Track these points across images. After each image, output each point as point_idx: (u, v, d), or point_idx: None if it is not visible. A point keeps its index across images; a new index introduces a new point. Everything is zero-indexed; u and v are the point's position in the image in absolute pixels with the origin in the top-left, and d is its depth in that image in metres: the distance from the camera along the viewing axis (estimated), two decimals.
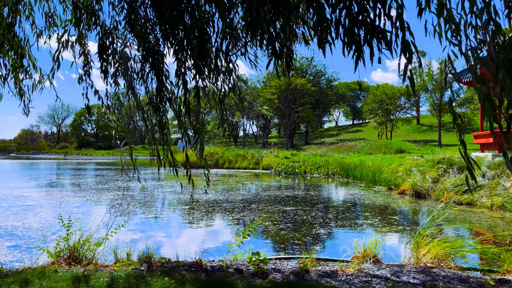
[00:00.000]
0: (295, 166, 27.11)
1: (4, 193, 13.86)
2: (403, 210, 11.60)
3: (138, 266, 4.89)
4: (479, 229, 8.78)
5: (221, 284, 4.14)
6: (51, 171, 29.43)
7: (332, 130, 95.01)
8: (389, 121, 65.04)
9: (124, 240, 6.86)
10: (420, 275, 4.77)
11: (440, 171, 14.83)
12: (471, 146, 47.34)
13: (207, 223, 9.24)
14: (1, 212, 9.88)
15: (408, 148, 38.62)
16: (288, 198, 13.37)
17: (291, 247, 7.04)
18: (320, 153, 38.57)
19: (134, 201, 12.37)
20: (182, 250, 6.57)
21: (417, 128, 76.89)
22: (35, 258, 5.27)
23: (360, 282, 4.48)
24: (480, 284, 4.45)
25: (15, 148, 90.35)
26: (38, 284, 3.99)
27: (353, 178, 21.93)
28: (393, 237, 7.93)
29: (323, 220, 9.55)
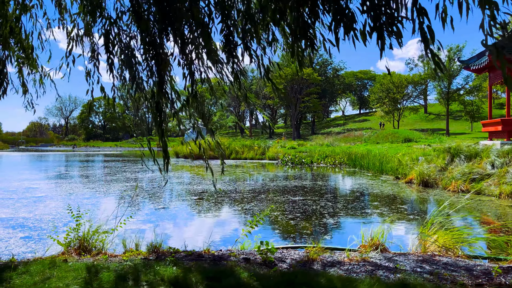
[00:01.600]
0: (301, 156, 27.09)
1: (14, 185, 14.04)
2: (410, 199, 11.57)
3: (147, 256, 4.95)
4: (487, 217, 8.75)
5: (228, 273, 4.18)
6: (60, 163, 29.72)
7: (338, 120, 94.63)
8: (396, 110, 64.61)
9: (132, 230, 6.94)
10: (427, 263, 4.78)
11: (447, 159, 14.75)
12: (479, 134, 46.94)
13: (215, 213, 9.30)
14: (12, 204, 10.02)
15: (415, 137, 38.40)
16: (296, 188, 13.40)
17: (299, 236, 7.08)
18: (327, 143, 38.50)
19: (142, 192, 12.47)
20: (190, 240, 6.63)
21: (425, 117, 76.33)
22: (46, 248, 5.35)
23: (367, 270, 4.50)
24: (488, 272, 4.45)
25: (24, 140, 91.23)
26: (49, 274, 4.06)
27: (360, 168, 21.88)
28: (400, 226, 7.93)
29: (332, 209, 9.57)
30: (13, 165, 26.96)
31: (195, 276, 4.06)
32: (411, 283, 3.91)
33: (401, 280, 4.04)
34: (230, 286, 3.83)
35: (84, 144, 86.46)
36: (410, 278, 4.12)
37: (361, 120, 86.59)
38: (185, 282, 3.90)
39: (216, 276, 4.10)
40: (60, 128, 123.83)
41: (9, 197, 11.25)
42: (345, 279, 4.08)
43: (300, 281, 3.94)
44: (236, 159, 31.26)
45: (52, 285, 3.74)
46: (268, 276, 4.14)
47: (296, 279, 4.01)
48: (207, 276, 4.07)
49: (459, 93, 57.40)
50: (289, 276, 4.11)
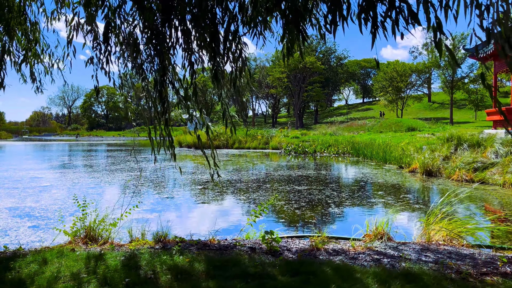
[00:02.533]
0: (305, 145, 27.08)
1: (19, 175, 14.12)
2: (414, 188, 11.58)
3: (153, 245, 4.99)
4: (491, 206, 8.75)
5: (234, 262, 4.22)
6: (64, 152, 29.83)
7: (342, 109, 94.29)
8: (400, 99, 64.28)
9: (138, 220, 6.99)
10: (432, 253, 4.80)
11: (451, 148, 14.71)
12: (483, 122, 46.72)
13: (220, 202, 9.34)
14: (18, 193, 10.09)
15: (419, 126, 38.27)
16: (300, 177, 13.42)
17: (304, 226, 7.11)
18: (330, 132, 38.44)
19: (147, 181, 12.53)
20: (195, 229, 6.67)
21: (428, 106, 75.97)
22: (54, 237, 5.40)
23: (372, 259, 4.52)
24: (493, 261, 4.46)
25: (28, 129, 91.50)
26: (57, 263, 4.10)
27: (364, 157, 21.87)
28: (405, 215, 7.95)
29: (336, 199, 9.59)
30: (17, 155, 27.09)
31: (202, 265, 4.10)
32: (416, 272, 3.93)
33: (406, 269, 4.06)
34: (236, 275, 3.86)
35: (87, 133, 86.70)
36: (415, 267, 4.14)
37: (364, 109, 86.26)
38: (192, 271, 3.93)
39: (222, 265, 4.13)
40: (63, 118, 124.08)
41: (15, 186, 11.32)
42: (350, 268, 4.11)
43: (305, 270, 3.97)
44: (239, 148, 31.28)
45: (60, 274, 3.78)
46: (273, 265, 4.17)
47: (302, 267, 4.04)
48: (214, 265, 4.10)
49: (463, 82, 57.03)
50: (294, 265, 4.14)
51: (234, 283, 3.58)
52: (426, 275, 3.86)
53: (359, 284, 3.64)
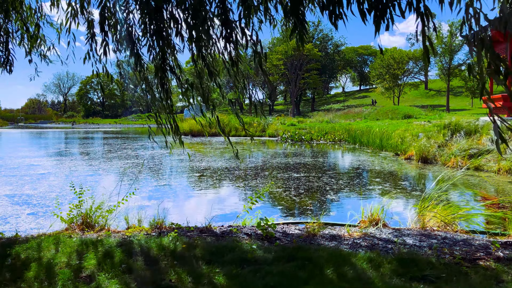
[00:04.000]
0: (301, 133, 27.09)
1: (15, 162, 14.08)
2: (409, 175, 11.65)
3: (150, 232, 5.01)
4: (485, 193, 8.83)
5: (230, 247, 4.25)
6: (60, 140, 29.73)
7: (338, 97, 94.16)
8: (397, 87, 64.21)
9: (135, 207, 7.01)
10: (426, 238, 4.85)
11: (447, 135, 14.77)
12: (480, 110, 46.81)
13: (218, 190, 9.37)
14: (16, 181, 10.08)
15: (415, 113, 38.33)
16: (298, 165, 13.45)
17: (301, 212, 7.16)
18: (327, 119, 38.44)
19: (144, 169, 12.53)
20: (192, 216, 6.70)
21: (425, 93, 75.99)
22: (50, 224, 5.42)
23: (367, 245, 4.57)
24: (486, 246, 4.52)
25: (23, 117, 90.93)
26: (54, 249, 4.12)
27: (360, 144, 21.92)
28: (400, 202, 8.01)
29: (333, 186, 9.64)
30: (13, 142, 26.98)
31: (198, 251, 4.13)
32: (410, 258, 3.98)
33: (400, 254, 4.11)
34: (233, 260, 3.89)
35: (83, 121, 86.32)
36: (409, 252, 4.19)
37: (361, 96, 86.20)
38: (188, 257, 3.96)
39: (218, 251, 4.16)
40: (58, 105, 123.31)
41: (12, 174, 11.30)
42: (345, 253, 4.15)
43: (301, 256, 4.01)
44: (236, 135, 31.26)
45: (57, 260, 3.80)
46: (269, 250, 4.21)
47: (297, 253, 4.08)
48: (210, 251, 4.13)
49: (460, 69, 56.96)
50: (290, 250, 4.18)
51: (230, 269, 3.62)
52: (421, 260, 3.91)
53: (354, 269, 3.69)
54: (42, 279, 3.39)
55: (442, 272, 3.65)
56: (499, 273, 3.66)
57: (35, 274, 3.49)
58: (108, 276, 3.44)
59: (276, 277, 3.46)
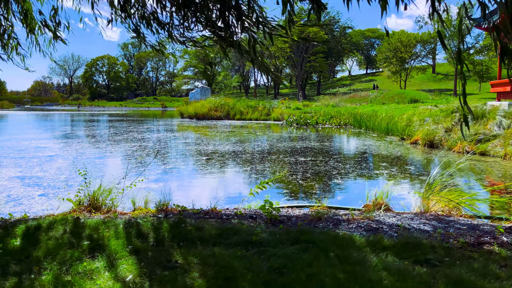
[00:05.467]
0: (306, 117, 27.00)
1: (23, 144, 14.20)
2: (415, 160, 11.62)
3: (156, 214, 5.07)
4: (491, 178, 8.81)
5: (235, 230, 4.29)
6: (66, 122, 29.88)
7: (345, 80, 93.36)
8: (404, 70, 63.45)
9: (141, 189, 7.07)
10: (430, 222, 4.87)
11: (454, 120, 14.66)
12: (488, 94, 46.35)
13: (225, 173, 9.42)
14: (25, 163, 10.18)
15: (422, 97, 37.97)
16: (304, 149, 13.46)
17: (307, 196, 7.20)
18: (332, 103, 38.21)
19: (151, 152, 12.59)
20: (198, 199, 6.76)
21: (432, 77, 75.11)
22: (62, 206, 5.48)
23: (370, 229, 4.60)
24: (490, 231, 4.53)
25: (29, 99, 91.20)
26: (61, 230, 4.19)
27: (366, 128, 21.84)
28: (405, 186, 8.02)
29: (339, 170, 9.66)
30: (20, 124, 27.16)
31: (203, 233, 4.18)
32: (413, 241, 4.01)
33: (403, 238, 4.14)
34: (237, 243, 3.94)
35: (89, 104, 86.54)
36: (413, 236, 4.21)
37: (367, 80, 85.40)
38: (193, 239, 4.02)
39: (223, 233, 4.21)
40: (64, 88, 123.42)
41: (20, 156, 11.41)
42: (349, 236, 4.18)
43: (305, 239, 4.05)
44: (240, 119, 31.24)
45: (64, 241, 3.86)
46: (274, 233, 4.25)
47: (301, 236, 4.12)
48: (215, 234, 4.18)
49: (468, 53, 56.11)
50: (294, 233, 4.22)
51: (235, 251, 3.67)
52: (424, 244, 3.93)
53: (357, 253, 3.72)
54: (50, 259, 3.46)
55: (445, 256, 3.68)
56: (503, 258, 3.68)
57: (43, 254, 3.55)
58: (115, 257, 3.50)
59: (281, 259, 3.50)
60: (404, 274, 3.24)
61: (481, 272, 3.32)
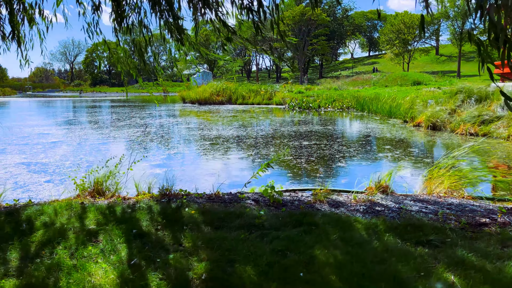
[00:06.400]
0: (309, 101, 26.87)
1: (26, 131, 14.25)
2: (418, 143, 11.60)
3: (159, 198, 5.11)
4: (494, 159, 8.80)
5: (238, 214, 4.33)
6: (68, 108, 29.89)
7: (347, 63, 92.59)
8: (407, 52, 62.82)
9: (145, 174, 7.11)
10: (433, 204, 4.89)
11: (458, 102, 14.57)
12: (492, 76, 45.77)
13: (228, 158, 9.44)
14: (29, 149, 10.22)
15: (425, 80, 37.70)
16: (308, 133, 13.44)
17: (311, 180, 7.22)
18: (335, 87, 38.00)
19: (154, 137, 12.62)
20: (202, 183, 6.79)
21: (436, 59, 74.40)
22: (66, 192, 5.52)
23: (373, 211, 4.62)
24: (492, 212, 4.55)
25: (31, 86, 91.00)
26: (66, 215, 4.24)
27: (368, 111, 21.76)
28: (408, 169, 8.03)
29: (343, 153, 9.66)
30: (22, 111, 27.19)
31: (206, 217, 4.21)
32: (415, 223, 4.03)
33: (406, 220, 4.16)
34: (240, 226, 3.97)
35: (90, 89, 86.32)
36: (415, 218, 4.24)
37: (370, 63, 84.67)
38: (197, 223, 4.05)
39: (227, 216, 4.24)
40: (65, 74, 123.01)
41: (24, 142, 11.46)
42: (351, 219, 4.21)
43: (307, 221, 4.08)
44: (242, 104, 31.13)
45: (69, 225, 3.91)
46: (276, 216, 4.28)
47: (304, 219, 4.15)
48: (218, 217, 4.22)
49: (472, 34, 55.38)
50: (297, 216, 4.25)
51: (238, 234, 3.70)
52: (426, 226, 3.96)
53: (360, 235, 3.75)
54: (56, 243, 3.51)
55: (447, 237, 3.70)
56: (504, 238, 3.70)
57: (48, 238, 3.60)
58: (120, 241, 3.54)
59: (283, 241, 3.54)
60: (406, 255, 3.27)
61: (483, 252, 3.35)
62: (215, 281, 2.85)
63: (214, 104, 30.36)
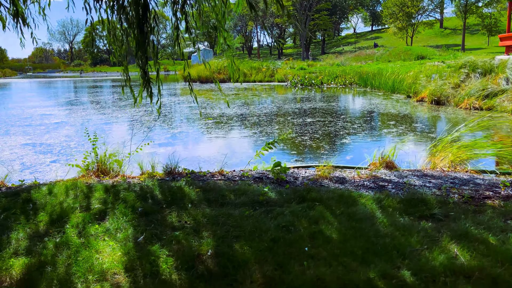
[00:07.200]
0: (311, 77, 26.64)
1: (28, 112, 14.24)
2: (421, 117, 11.54)
3: (163, 177, 5.14)
4: (498, 133, 8.76)
5: (242, 191, 4.35)
6: (69, 89, 29.78)
7: (350, 38, 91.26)
8: (410, 26, 61.73)
9: (148, 154, 7.13)
10: (436, 179, 4.90)
11: (462, 76, 14.42)
12: (496, 48, 45.30)
13: (232, 136, 9.44)
14: (32, 131, 10.24)
15: (429, 54, 37.18)
16: (311, 110, 13.38)
17: (315, 157, 7.23)
18: (338, 62, 37.59)
19: (156, 116, 12.60)
20: (205, 162, 6.82)
21: (440, 32, 73.18)
22: (71, 172, 5.55)
23: (376, 186, 4.64)
24: (496, 185, 4.56)
25: (31, 66, 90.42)
26: (72, 195, 4.27)
27: (371, 87, 21.59)
28: (411, 144, 8.02)
29: (348, 130, 9.64)
30: (23, 92, 27.11)
31: (211, 195, 4.24)
32: (419, 197, 4.05)
33: (409, 195, 4.18)
34: (245, 203, 4.00)
35: (91, 69, 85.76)
36: (419, 193, 4.25)
37: (373, 37, 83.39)
38: (201, 200, 4.08)
39: (231, 194, 4.27)
40: (65, 54, 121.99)
41: (27, 123, 11.47)
42: (355, 194, 4.23)
43: (311, 197, 4.10)
44: (244, 81, 30.90)
45: (76, 205, 3.95)
46: (280, 193, 4.30)
47: (308, 195, 4.17)
48: (222, 195, 4.24)
49: (477, 6, 54.29)
50: (300, 192, 4.27)
51: (243, 210, 3.73)
52: (429, 200, 3.98)
53: (363, 210, 3.77)
54: (62, 222, 3.55)
55: (450, 211, 3.72)
56: (508, 211, 3.72)
57: (55, 218, 3.64)
58: (126, 219, 3.58)
59: (287, 217, 3.57)
60: (410, 229, 3.29)
61: (486, 225, 3.37)
62: (221, 257, 2.90)
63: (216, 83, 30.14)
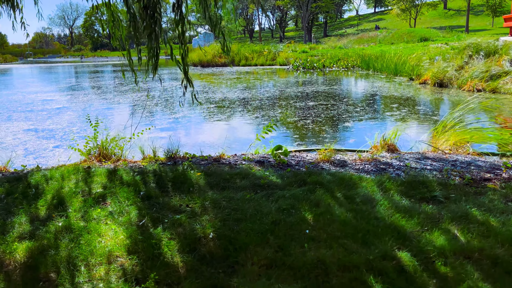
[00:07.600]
0: (313, 60, 26.42)
1: (30, 98, 14.22)
2: (423, 100, 11.48)
3: (165, 161, 5.15)
4: (501, 115, 8.71)
5: (244, 174, 4.36)
6: (70, 74, 29.68)
7: (352, 20, 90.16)
8: (414, 7, 60.84)
9: (150, 138, 7.13)
10: (438, 161, 4.89)
11: (465, 58, 14.27)
12: (500, 30, 44.72)
13: (234, 120, 9.42)
14: (34, 116, 10.24)
15: (432, 36, 36.78)
16: (314, 93, 13.31)
17: (317, 141, 7.22)
18: (340, 45, 37.23)
19: (158, 101, 12.57)
20: (207, 147, 6.82)
21: (444, 14, 72.18)
22: (73, 156, 5.56)
23: (377, 169, 4.64)
24: (497, 167, 4.55)
25: (32, 52, 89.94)
26: (74, 179, 4.29)
27: (374, 70, 21.41)
28: (413, 127, 7.99)
29: (350, 113, 9.61)
30: (24, 78, 27.04)
31: (212, 179, 4.25)
32: (420, 180, 4.05)
33: (411, 177, 4.18)
34: (246, 186, 4.02)
35: (91, 54, 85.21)
36: (420, 175, 4.25)
37: (376, 19, 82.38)
38: (203, 184, 4.10)
39: (232, 178, 4.28)
40: (65, 39, 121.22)
41: (28, 109, 11.47)
42: (356, 177, 4.23)
43: (312, 181, 4.11)
44: (246, 65, 30.70)
45: (78, 189, 3.97)
46: (282, 176, 4.31)
47: (309, 178, 4.18)
48: (224, 178, 4.26)
49: None
50: (301, 176, 4.28)
51: (244, 194, 3.75)
52: (431, 182, 3.98)
53: (364, 192, 3.78)
54: (65, 206, 3.58)
55: (451, 193, 3.73)
56: (508, 193, 3.72)
57: (57, 202, 3.67)
58: (128, 203, 3.60)
59: (288, 200, 3.58)
60: (411, 211, 3.31)
61: (487, 207, 3.38)
62: (222, 239, 2.92)
63: (216, 67, 29.95)
